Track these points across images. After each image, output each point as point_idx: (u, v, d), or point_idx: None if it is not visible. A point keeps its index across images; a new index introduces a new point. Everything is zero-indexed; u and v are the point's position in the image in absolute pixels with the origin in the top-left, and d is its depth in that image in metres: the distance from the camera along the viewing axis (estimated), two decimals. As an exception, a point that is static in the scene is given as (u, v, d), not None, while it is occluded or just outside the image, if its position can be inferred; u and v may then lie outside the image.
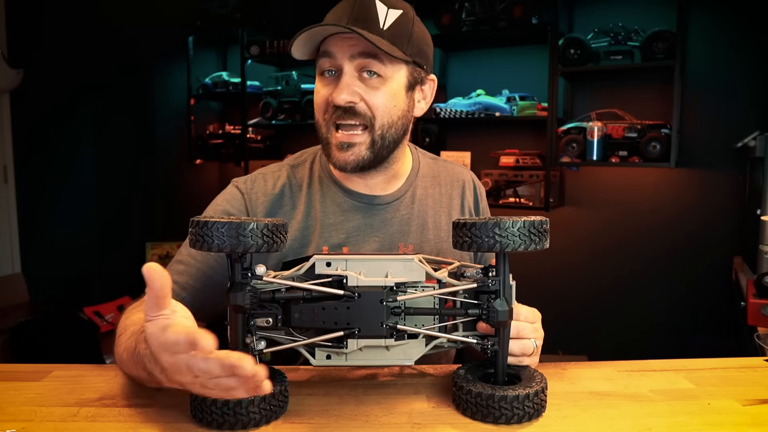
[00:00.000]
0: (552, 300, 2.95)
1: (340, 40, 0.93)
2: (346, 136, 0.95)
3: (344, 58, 0.93)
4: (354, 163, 0.96)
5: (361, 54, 0.93)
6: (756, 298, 1.57)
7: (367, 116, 0.95)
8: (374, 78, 0.94)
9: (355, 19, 0.91)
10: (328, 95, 0.95)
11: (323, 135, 0.99)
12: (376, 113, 0.95)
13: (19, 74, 3.01)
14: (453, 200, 1.14)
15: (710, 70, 2.66)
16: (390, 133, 0.97)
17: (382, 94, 0.95)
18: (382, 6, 0.93)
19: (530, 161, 2.96)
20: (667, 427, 0.69)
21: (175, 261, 1.01)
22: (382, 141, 0.97)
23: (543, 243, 0.70)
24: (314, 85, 1.00)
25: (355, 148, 0.96)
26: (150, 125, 3.92)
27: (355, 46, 0.93)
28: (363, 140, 0.96)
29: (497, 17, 2.86)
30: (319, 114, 0.98)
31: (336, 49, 0.93)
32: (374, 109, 0.95)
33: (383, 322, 0.72)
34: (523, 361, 0.81)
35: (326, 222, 1.03)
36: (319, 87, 0.98)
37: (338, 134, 0.96)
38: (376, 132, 0.96)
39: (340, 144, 0.96)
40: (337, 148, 0.96)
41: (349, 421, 0.71)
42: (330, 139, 0.97)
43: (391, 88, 0.96)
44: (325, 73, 0.96)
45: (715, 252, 2.67)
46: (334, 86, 0.95)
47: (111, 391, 0.80)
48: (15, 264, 3.19)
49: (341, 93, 0.92)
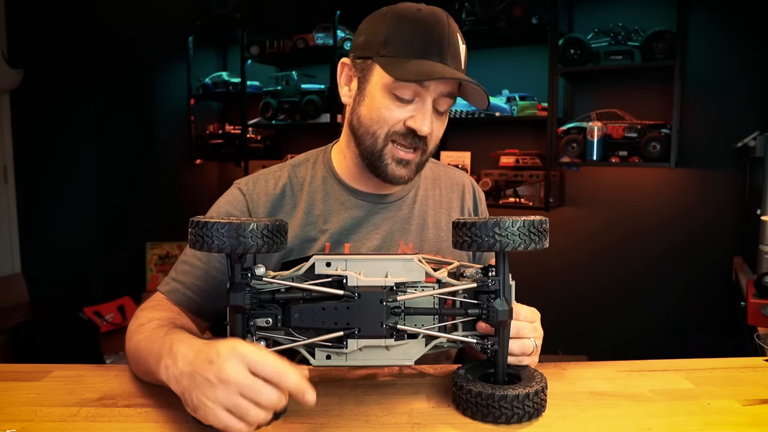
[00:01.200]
0: (552, 300, 2.95)
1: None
2: (407, 154, 0.98)
3: (434, 92, 0.94)
4: (407, 178, 1.01)
5: (449, 94, 0.96)
6: (756, 298, 1.57)
7: (428, 144, 0.99)
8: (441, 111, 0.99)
9: (452, 57, 0.93)
10: (404, 118, 0.96)
11: (377, 147, 0.98)
12: (431, 142, 1.00)
13: (19, 74, 3.01)
14: (453, 203, 1.16)
15: (710, 70, 2.66)
16: (431, 154, 1.04)
17: (442, 126, 1.01)
18: (461, 42, 0.96)
19: (530, 161, 2.96)
20: (667, 427, 0.69)
21: (180, 261, 1.03)
22: (426, 162, 1.04)
23: (542, 242, 0.71)
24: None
25: (410, 165, 1.00)
26: (150, 125, 3.92)
27: (445, 85, 0.94)
28: (417, 159, 1.00)
29: (497, 17, 2.86)
30: (381, 127, 0.97)
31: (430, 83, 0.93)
32: (434, 139, 1.00)
33: (383, 322, 0.73)
34: (523, 361, 0.81)
35: (329, 218, 1.04)
36: (392, 105, 0.96)
37: (399, 150, 0.98)
38: (426, 156, 1.01)
39: (400, 160, 0.98)
40: (395, 162, 0.99)
41: (349, 421, 0.71)
42: (385, 153, 0.98)
43: (446, 119, 1.02)
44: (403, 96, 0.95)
45: (715, 252, 2.67)
46: (412, 111, 0.95)
47: (111, 391, 0.80)
48: (15, 264, 3.19)
49: (426, 123, 0.95)
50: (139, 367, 0.82)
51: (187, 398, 0.65)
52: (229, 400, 0.62)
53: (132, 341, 0.85)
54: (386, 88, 0.95)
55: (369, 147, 0.99)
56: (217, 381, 0.62)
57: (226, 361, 0.62)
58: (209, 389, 0.62)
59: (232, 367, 0.62)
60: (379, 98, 0.96)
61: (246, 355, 0.63)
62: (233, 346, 0.64)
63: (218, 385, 0.62)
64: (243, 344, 0.64)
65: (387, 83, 0.94)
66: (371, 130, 0.98)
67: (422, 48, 0.92)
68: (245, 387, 0.62)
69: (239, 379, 0.62)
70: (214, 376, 0.62)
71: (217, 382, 0.62)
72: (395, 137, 0.97)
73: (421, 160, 1.01)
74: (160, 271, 3.72)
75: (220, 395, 0.62)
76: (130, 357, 0.86)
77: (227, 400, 0.62)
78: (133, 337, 0.85)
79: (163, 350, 0.72)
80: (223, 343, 0.65)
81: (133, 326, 0.88)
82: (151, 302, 0.97)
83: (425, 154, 1.01)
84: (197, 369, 0.64)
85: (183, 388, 0.65)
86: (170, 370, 0.68)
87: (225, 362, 0.62)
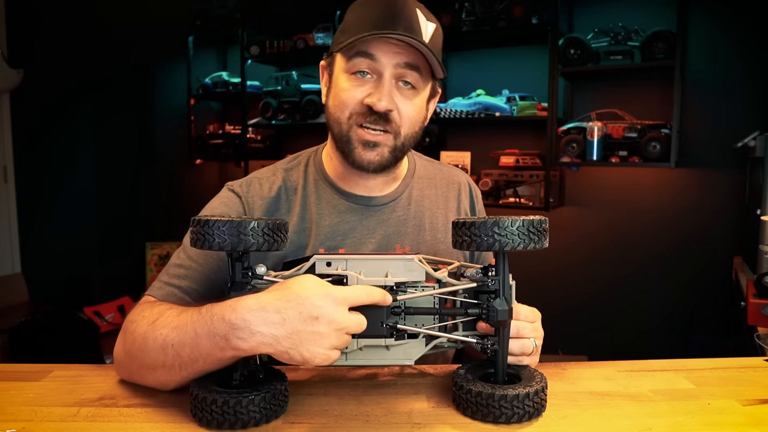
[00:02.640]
0: (552, 300, 2.95)
1: (385, 44, 0.92)
2: (372, 135, 0.95)
3: (388, 64, 0.93)
4: (377, 163, 0.97)
5: (406, 64, 0.93)
6: (756, 298, 1.57)
7: (396, 124, 0.96)
8: (408, 88, 0.96)
9: (406, 28, 0.90)
10: (362, 97, 0.94)
11: (343, 132, 0.97)
12: (404, 123, 0.96)
13: (19, 74, 3.02)
14: (449, 202, 1.14)
15: (710, 70, 2.66)
16: (409, 141, 1.00)
17: (413, 105, 0.97)
18: (422, 18, 0.94)
19: (530, 161, 2.96)
20: (667, 427, 0.69)
21: (173, 266, 0.96)
22: (402, 148, 0.99)
23: (542, 242, 0.70)
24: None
25: (379, 149, 0.96)
26: (150, 125, 3.92)
27: (401, 55, 0.92)
28: (387, 142, 0.97)
29: (497, 17, 2.86)
30: (342, 111, 0.96)
31: (381, 54, 0.92)
32: (404, 119, 0.96)
33: (383, 322, 0.73)
34: (523, 361, 0.81)
35: (322, 224, 1.02)
36: (348, 85, 0.95)
37: (363, 132, 0.95)
38: (401, 139, 0.97)
39: (366, 142, 0.96)
40: (361, 145, 0.96)
41: (349, 421, 0.71)
42: (352, 137, 0.96)
43: (420, 99, 0.98)
44: (358, 73, 0.94)
45: (715, 252, 2.67)
46: (369, 88, 0.94)
47: (111, 391, 0.80)
48: (15, 264, 3.19)
49: (383, 100, 0.92)
50: (176, 360, 0.73)
51: (293, 354, 0.67)
52: (341, 340, 0.68)
53: (149, 342, 0.77)
54: (344, 71, 0.95)
55: (338, 135, 0.98)
56: (331, 330, 0.66)
57: (334, 312, 0.67)
58: (324, 339, 0.66)
59: (342, 315, 0.67)
60: (340, 83, 0.96)
61: (346, 299, 0.68)
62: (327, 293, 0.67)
63: (333, 334, 0.67)
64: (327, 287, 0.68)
65: (343, 66, 0.95)
66: (336, 116, 0.97)
67: (371, 23, 0.91)
68: (353, 326, 0.68)
69: (351, 324, 0.68)
70: (327, 327, 0.66)
71: (332, 332, 0.67)
72: (358, 119, 0.95)
73: (395, 144, 0.97)
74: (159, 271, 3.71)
75: (335, 341, 0.67)
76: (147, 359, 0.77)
77: (341, 341, 0.68)
78: (148, 339, 0.77)
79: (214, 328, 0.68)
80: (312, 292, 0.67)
81: (132, 328, 0.81)
82: (144, 304, 0.88)
83: (399, 138, 0.97)
84: (300, 328, 0.66)
85: (284, 349, 0.66)
86: (255, 339, 0.66)
87: (335, 313, 0.67)
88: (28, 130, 3.23)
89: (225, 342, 0.68)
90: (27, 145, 3.24)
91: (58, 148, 3.43)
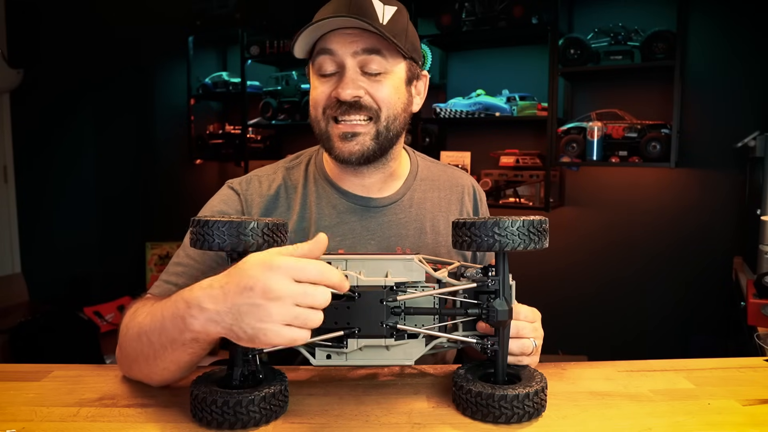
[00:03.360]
0: (552, 300, 2.95)
1: (340, 36, 0.93)
2: (349, 126, 0.95)
3: (346, 54, 0.93)
4: (359, 153, 0.96)
5: (364, 50, 0.93)
6: (756, 298, 1.57)
7: (372, 108, 0.95)
8: (375, 73, 0.95)
9: (356, 14, 0.90)
10: (329, 91, 0.95)
11: (322, 129, 0.98)
12: (381, 105, 0.95)
13: (19, 74, 3.01)
14: (452, 205, 1.13)
15: (710, 70, 2.66)
16: (394, 125, 0.98)
17: (386, 86, 0.95)
18: (377, 2, 0.93)
19: (530, 161, 2.96)
20: (667, 427, 0.69)
21: (172, 264, 0.99)
22: (387, 132, 0.97)
23: (542, 242, 0.70)
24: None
25: (359, 138, 0.95)
26: (150, 125, 3.92)
27: (356, 43, 0.92)
28: (367, 131, 0.96)
29: (497, 17, 2.86)
30: (317, 110, 0.97)
31: (337, 46, 0.93)
32: (380, 101, 0.95)
33: (383, 322, 0.73)
34: (523, 361, 0.81)
35: (322, 224, 1.02)
36: (317, 84, 0.97)
37: (340, 125, 0.95)
38: (382, 123, 0.96)
39: (344, 134, 0.95)
40: (340, 139, 0.96)
41: (349, 421, 0.71)
42: (331, 132, 0.96)
43: (394, 81, 0.97)
44: (324, 72, 0.95)
45: (715, 252, 2.67)
46: (335, 82, 0.95)
47: (111, 391, 0.80)
48: (15, 264, 3.19)
49: (346, 88, 0.92)
50: (150, 349, 0.74)
51: (237, 332, 0.62)
52: (288, 313, 0.60)
53: (130, 332, 0.79)
54: (314, 72, 0.97)
55: (318, 134, 0.99)
56: (267, 301, 0.60)
57: (268, 279, 0.60)
58: (262, 312, 0.60)
59: (277, 282, 0.60)
60: (312, 84, 0.98)
61: (285, 266, 0.61)
62: (263, 261, 0.62)
63: (270, 305, 0.60)
64: (270, 255, 0.62)
65: (311, 67, 0.97)
66: (313, 116, 0.99)
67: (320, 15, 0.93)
68: (299, 295, 0.61)
69: (289, 290, 0.60)
70: (262, 298, 0.60)
71: (268, 302, 0.60)
72: (331, 113, 0.95)
73: (378, 129, 0.95)
74: (160, 271, 3.71)
75: (275, 313, 0.60)
76: (130, 350, 0.79)
77: (287, 315, 0.61)
78: (130, 328, 0.79)
79: (176, 310, 0.68)
80: (250, 264, 0.62)
81: (125, 321, 0.83)
82: (139, 300, 0.91)
83: (380, 122, 0.95)
84: (237, 301, 0.61)
85: (228, 326, 0.63)
86: (203, 316, 0.64)
87: (268, 281, 0.60)
88: (28, 130, 3.23)
89: (183, 323, 0.67)
90: (27, 145, 3.24)
91: (58, 148, 3.42)
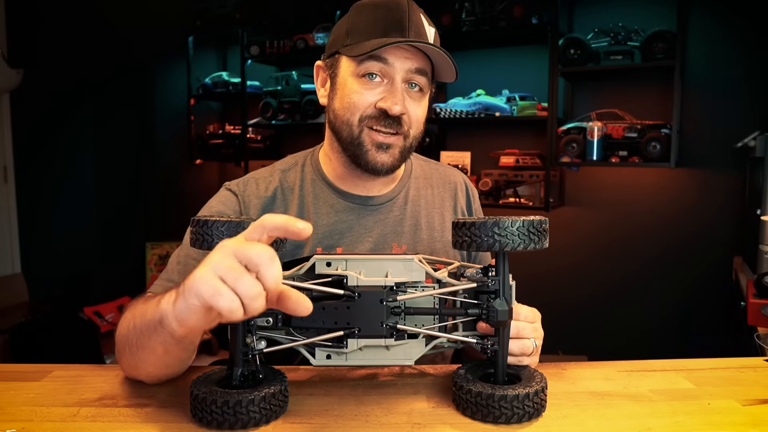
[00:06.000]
0: (552, 300, 2.95)
1: (397, 49, 0.94)
2: (384, 137, 0.97)
3: (401, 69, 0.95)
4: (390, 165, 0.99)
5: (417, 70, 0.95)
6: (756, 298, 1.57)
7: (406, 126, 0.98)
8: (416, 91, 0.98)
9: (416, 34, 0.93)
10: (374, 100, 0.96)
11: (353, 134, 0.98)
12: (413, 124, 0.99)
13: (19, 74, 3.02)
14: (445, 202, 1.15)
15: (710, 70, 2.66)
16: (416, 142, 1.02)
17: (420, 107, 1.00)
18: (426, 23, 0.96)
19: (530, 161, 2.96)
20: (667, 427, 0.69)
21: (173, 263, 1.00)
22: (410, 149, 1.02)
23: (542, 242, 0.70)
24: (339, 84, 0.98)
25: (391, 150, 0.98)
26: (150, 125, 3.92)
27: (411, 60, 0.95)
28: (398, 144, 0.99)
29: (497, 17, 2.86)
30: (353, 114, 0.97)
31: (394, 58, 0.94)
32: (413, 121, 0.99)
33: (383, 322, 0.73)
34: (523, 361, 0.81)
35: (319, 223, 1.03)
36: (360, 88, 0.96)
37: (376, 134, 0.97)
38: (409, 141, 1.00)
39: (380, 144, 0.97)
40: (375, 147, 0.97)
41: (349, 421, 0.71)
42: (364, 139, 0.97)
43: (426, 101, 1.01)
44: (366, 76, 0.96)
45: (715, 252, 2.67)
46: (382, 92, 0.95)
47: (111, 391, 0.80)
48: (15, 264, 3.19)
49: (397, 103, 0.94)
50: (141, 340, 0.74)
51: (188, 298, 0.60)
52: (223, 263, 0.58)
53: (122, 329, 0.79)
54: (353, 74, 0.96)
55: (347, 137, 0.99)
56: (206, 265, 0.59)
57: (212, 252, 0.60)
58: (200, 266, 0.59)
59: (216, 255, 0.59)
60: (349, 86, 0.97)
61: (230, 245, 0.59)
62: (222, 242, 0.61)
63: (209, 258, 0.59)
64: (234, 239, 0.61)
65: (353, 69, 0.96)
66: (345, 118, 0.98)
67: (383, 28, 0.93)
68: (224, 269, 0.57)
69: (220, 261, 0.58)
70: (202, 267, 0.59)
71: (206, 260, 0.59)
72: (369, 122, 0.96)
73: (405, 145, 0.99)
74: (159, 270, 3.71)
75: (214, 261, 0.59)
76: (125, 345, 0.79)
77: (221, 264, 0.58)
78: (123, 325, 0.79)
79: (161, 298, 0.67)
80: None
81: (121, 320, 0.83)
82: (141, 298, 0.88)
83: (408, 139, 0.99)
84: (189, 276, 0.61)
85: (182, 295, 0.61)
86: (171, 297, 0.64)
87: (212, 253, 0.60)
88: (28, 130, 3.23)
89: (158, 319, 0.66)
90: (27, 145, 3.24)
91: (58, 147, 3.43)
